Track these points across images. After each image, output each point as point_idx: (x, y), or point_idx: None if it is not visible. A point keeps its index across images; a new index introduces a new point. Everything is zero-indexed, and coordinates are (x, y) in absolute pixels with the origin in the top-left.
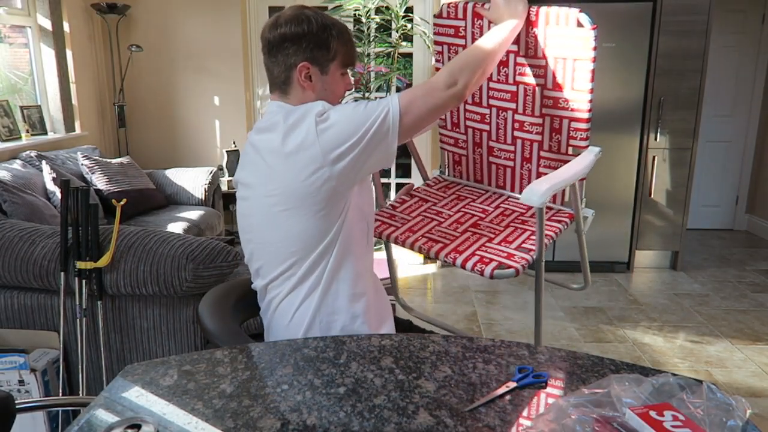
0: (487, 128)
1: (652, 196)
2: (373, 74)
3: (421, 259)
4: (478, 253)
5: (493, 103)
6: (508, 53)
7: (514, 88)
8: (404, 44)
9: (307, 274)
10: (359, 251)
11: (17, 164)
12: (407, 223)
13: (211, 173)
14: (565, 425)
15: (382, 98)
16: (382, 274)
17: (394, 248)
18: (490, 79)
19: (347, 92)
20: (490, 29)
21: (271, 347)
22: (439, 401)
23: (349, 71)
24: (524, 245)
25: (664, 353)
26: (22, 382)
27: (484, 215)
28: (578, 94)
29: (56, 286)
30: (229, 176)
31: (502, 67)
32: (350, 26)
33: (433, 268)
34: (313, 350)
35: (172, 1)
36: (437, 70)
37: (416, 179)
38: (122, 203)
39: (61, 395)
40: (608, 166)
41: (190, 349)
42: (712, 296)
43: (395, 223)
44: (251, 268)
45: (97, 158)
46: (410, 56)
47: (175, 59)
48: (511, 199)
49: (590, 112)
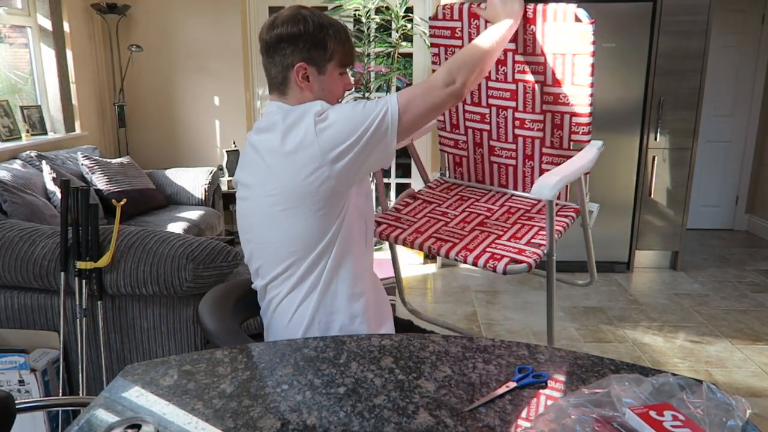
0: (487, 128)
1: (652, 196)
2: (373, 74)
3: (421, 259)
4: (488, 250)
5: (492, 102)
6: (506, 51)
7: (513, 86)
8: (404, 44)
9: (306, 273)
10: (358, 251)
11: (17, 164)
12: (414, 224)
13: (211, 173)
14: (565, 425)
15: (380, 97)
16: (383, 274)
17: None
18: (488, 78)
19: (347, 92)
20: (486, 29)
21: (271, 347)
22: (439, 401)
23: (348, 71)
24: (534, 240)
25: (664, 353)
26: (22, 382)
27: (489, 214)
28: (578, 89)
29: (56, 286)
30: (229, 176)
31: (500, 65)
32: (350, 26)
33: (433, 268)
34: (313, 350)
35: (172, 1)
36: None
37: (416, 180)
38: (122, 203)
39: (61, 395)
40: (608, 166)
41: (190, 349)
42: (712, 296)
43: (401, 225)
44: (251, 268)
45: (97, 158)
46: (410, 56)
47: (175, 59)
48: (515, 197)
49: (591, 106)
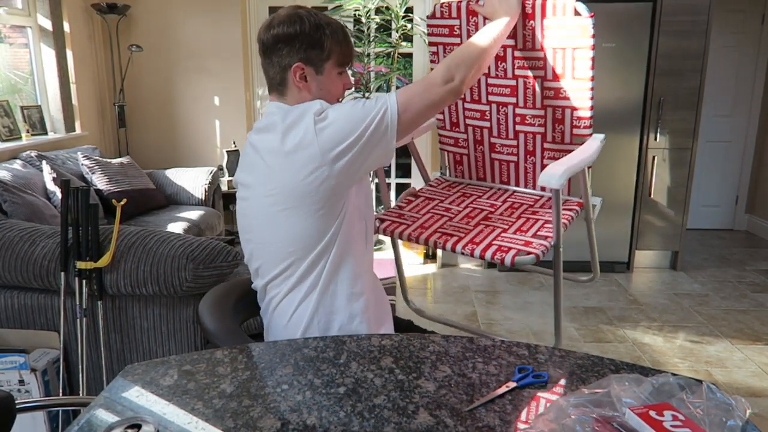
0: (487, 125)
1: (652, 196)
2: (373, 74)
3: (421, 259)
4: (495, 243)
5: (492, 99)
6: (505, 47)
7: (513, 82)
8: (404, 44)
9: (305, 273)
10: (358, 251)
11: (17, 164)
12: (417, 220)
13: (211, 173)
14: (565, 425)
15: (380, 96)
16: (383, 274)
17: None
18: (488, 75)
19: (347, 91)
20: (485, 25)
21: (271, 347)
22: (439, 401)
23: (348, 70)
24: (540, 233)
25: (664, 353)
26: (22, 382)
27: (493, 209)
28: (579, 82)
29: (56, 286)
30: (229, 176)
31: (500, 61)
32: (350, 26)
33: (433, 268)
34: (313, 350)
35: (172, 1)
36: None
37: (416, 180)
38: (122, 203)
39: (61, 395)
40: (608, 166)
41: (190, 349)
42: (712, 296)
43: (405, 221)
44: (251, 267)
45: (97, 158)
46: (410, 56)
47: (175, 59)
48: (517, 193)
49: (592, 100)
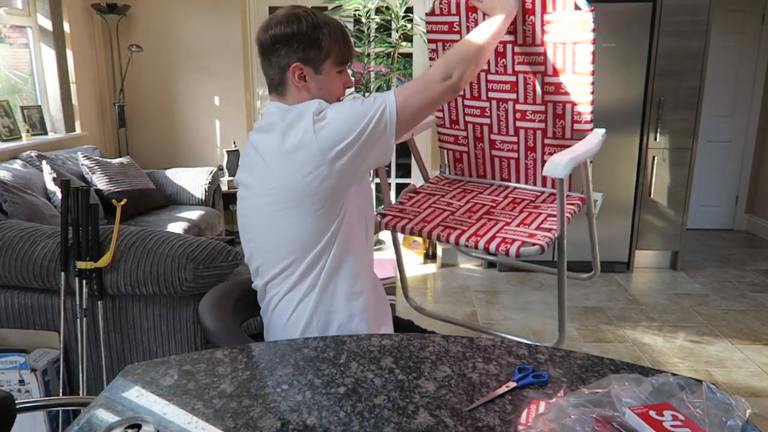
0: (487, 122)
1: (652, 196)
2: (373, 74)
3: (421, 259)
4: (498, 235)
5: (492, 95)
6: (505, 43)
7: (513, 78)
8: (404, 44)
9: (305, 273)
10: (358, 250)
11: (17, 164)
12: (419, 215)
13: (211, 173)
14: (565, 425)
15: (378, 95)
16: (383, 274)
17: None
18: (487, 71)
19: (347, 89)
20: (482, 21)
21: (271, 347)
22: (439, 401)
23: (348, 69)
24: (544, 225)
25: (663, 353)
26: (22, 382)
27: (494, 204)
28: (580, 77)
29: (56, 286)
30: (229, 176)
31: (499, 57)
32: (350, 26)
33: (433, 268)
34: (313, 350)
35: (172, 1)
36: None
37: (416, 179)
38: (122, 203)
39: (61, 395)
40: (608, 166)
41: (190, 349)
42: (712, 296)
43: (407, 215)
44: (251, 267)
45: (97, 158)
46: (410, 56)
47: (175, 59)
48: (518, 189)
49: (593, 94)
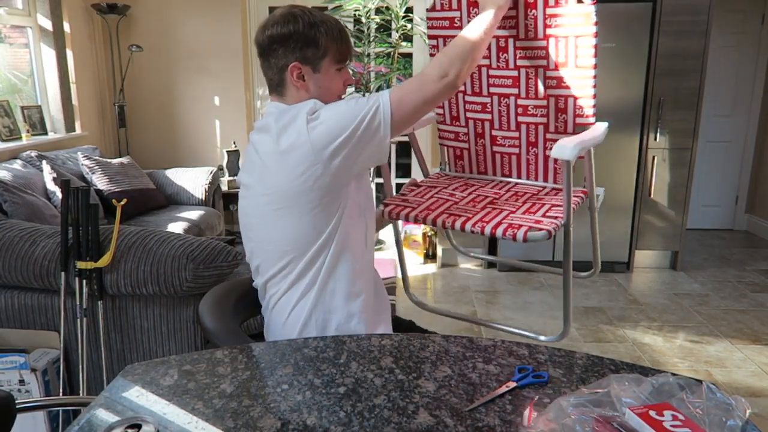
0: (488, 117)
1: (652, 196)
2: (373, 74)
3: (421, 259)
4: (505, 221)
5: (494, 90)
6: (506, 38)
7: (515, 72)
8: (404, 44)
9: (303, 272)
10: (357, 250)
11: (17, 164)
12: (422, 204)
13: (211, 173)
14: (565, 425)
15: (373, 94)
16: (383, 274)
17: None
18: (489, 66)
19: (348, 87)
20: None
21: (271, 347)
22: (439, 401)
23: (348, 67)
24: (549, 214)
25: (663, 353)
26: (22, 381)
27: (497, 196)
28: (582, 71)
29: (56, 286)
30: (229, 176)
31: (501, 53)
32: (350, 26)
33: (433, 268)
34: (313, 350)
35: (172, 1)
36: None
37: (417, 177)
38: (122, 203)
39: (61, 395)
40: (608, 166)
41: (190, 349)
42: (711, 296)
43: (410, 204)
44: (251, 266)
45: (97, 158)
46: (410, 56)
47: (175, 59)
48: (519, 184)
49: (595, 88)
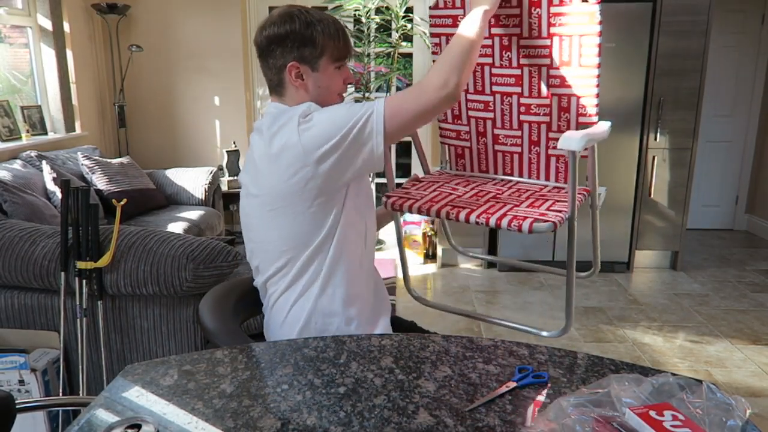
0: (491, 116)
1: (652, 196)
2: (373, 74)
3: (421, 259)
4: (509, 213)
5: (496, 89)
6: (510, 36)
7: (518, 71)
8: (404, 44)
9: (301, 272)
10: (356, 251)
11: (17, 164)
12: (425, 196)
13: (211, 173)
14: (565, 425)
15: (370, 101)
16: (383, 274)
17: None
18: (492, 65)
19: (348, 84)
20: (463, 21)
21: (271, 347)
22: (439, 401)
23: (348, 64)
24: (553, 208)
25: (663, 353)
26: (22, 381)
27: (500, 192)
28: (586, 70)
29: (56, 286)
30: (229, 176)
31: (504, 51)
32: (350, 26)
33: (433, 268)
34: (313, 350)
35: (172, 1)
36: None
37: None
38: (122, 203)
39: (61, 395)
40: (608, 166)
41: (190, 349)
42: (711, 296)
43: (413, 197)
44: (252, 265)
45: (97, 158)
46: (410, 56)
47: (175, 59)
48: (521, 183)
49: (598, 87)
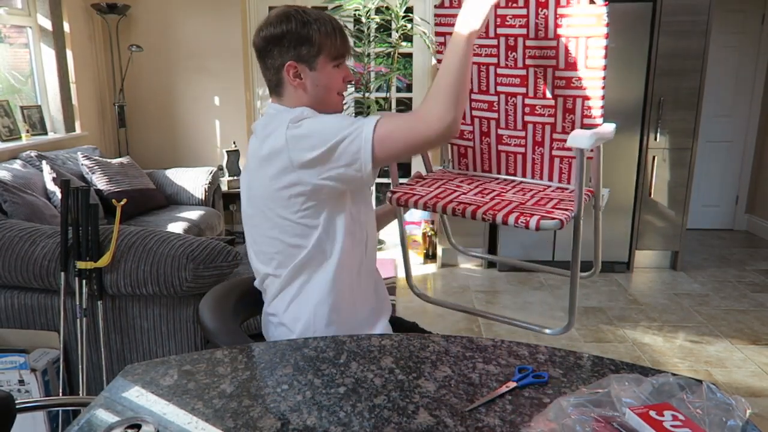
0: (495, 116)
1: (652, 196)
2: (373, 74)
3: (421, 259)
4: (516, 210)
5: (501, 89)
6: (516, 37)
7: (523, 72)
8: (404, 44)
9: (291, 277)
10: (355, 259)
11: (17, 164)
12: (431, 192)
13: (211, 173)
14: (565, 425)
15: (362, 118)
16: (383, 274)
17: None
18: (497, 65)
19: (348, 83)
20: (450, 43)
21: (271, 347)
22: (439, 401)
23: (348, 64)
24: (559, 206)
25: (663, 353)
26: (22, 382)
27: (503, 191)
28: (592, 72)
29: (56, 286)
30: (229, 176)
31: (510, 51)
32: (350, 26)
33: (433, 268)
34: (312, 350)
35: (172, 1)
36: (439, 62)
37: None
38: (122, 203)
39: (61, 395)
40: (608, 166)
41: (190, 349)
42: (711, 296)
43: (418, 193)
44: (251, 265)
45: (97, 158)
46: (410, 56)
47: (175, 59)
48: (524, 183)
49: (603, 89)
